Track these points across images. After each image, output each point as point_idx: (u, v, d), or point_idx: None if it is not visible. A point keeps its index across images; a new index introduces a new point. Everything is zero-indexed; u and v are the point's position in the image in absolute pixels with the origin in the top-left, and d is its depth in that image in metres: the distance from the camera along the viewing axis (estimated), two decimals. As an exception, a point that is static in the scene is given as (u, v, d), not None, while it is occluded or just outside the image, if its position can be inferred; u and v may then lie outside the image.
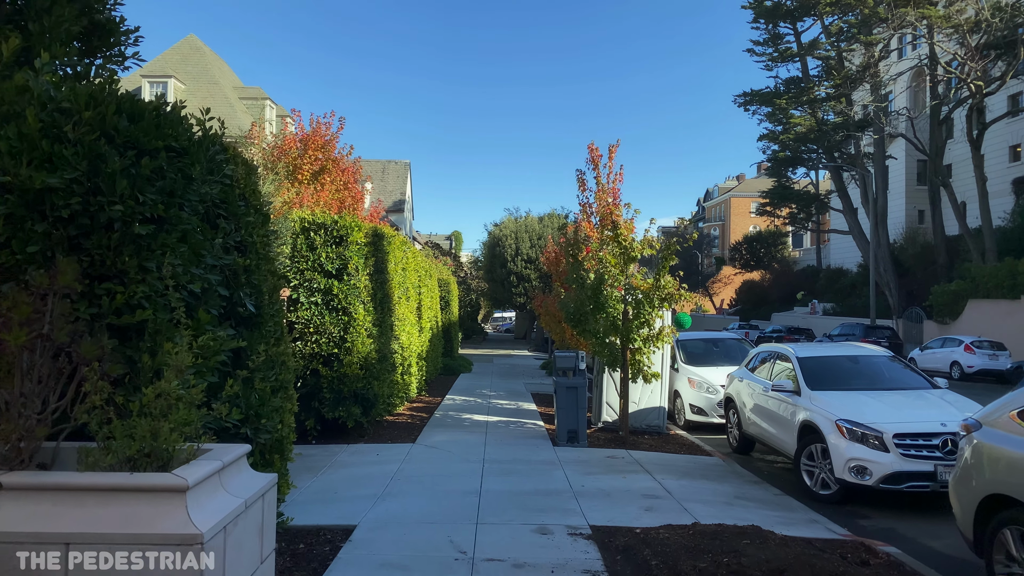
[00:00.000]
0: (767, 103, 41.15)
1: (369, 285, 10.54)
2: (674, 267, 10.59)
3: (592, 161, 13.03)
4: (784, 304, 54.01)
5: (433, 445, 10.01)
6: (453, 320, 25.88)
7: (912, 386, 8.56)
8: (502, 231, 39.96)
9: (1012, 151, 40.44)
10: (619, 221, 10.90)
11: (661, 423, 11.90)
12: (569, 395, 10.39)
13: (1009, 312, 28.97)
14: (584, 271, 10.74)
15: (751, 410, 10.03)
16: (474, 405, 14.54)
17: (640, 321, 10.46)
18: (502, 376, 21.68)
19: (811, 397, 8.31)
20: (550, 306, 16.23)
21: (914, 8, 31.65)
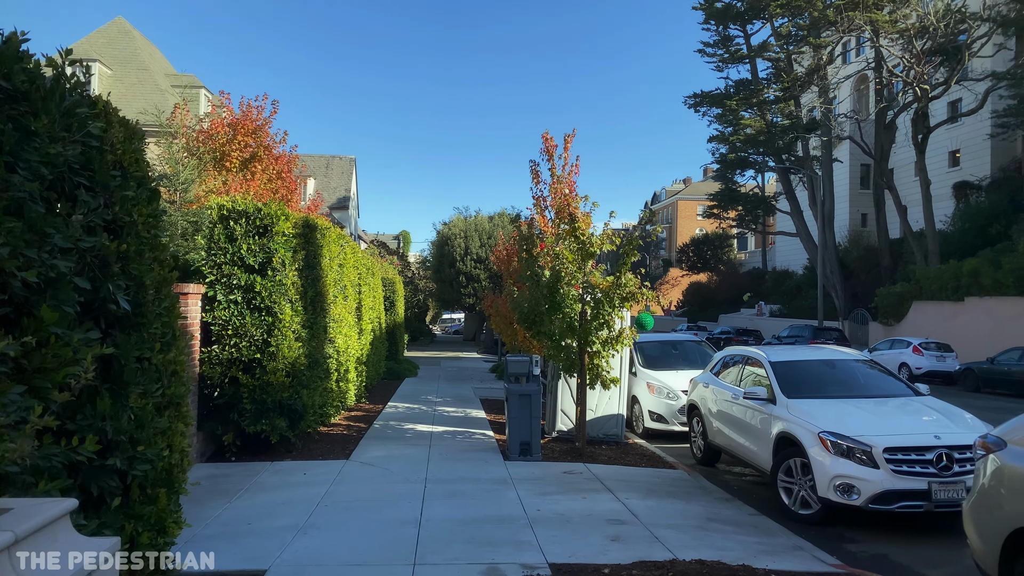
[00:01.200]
0: (717, 104, 41.11)
1: (298, 282, 9.39)
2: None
3: (546, 151, 12.15)
4: (731, 306, 54.34)
5: (370, 462, 8.93)
6: (399, 321, 24.70)
7: (894, 393, 7.89)
8: (451, 230, 38.86)
9: (952, 156, 41.33)
10: (577, 214, 10.01)
11: (619, 432, 11.07)
12: (522, 403, 9.45)
13: (953, 314, 29.30)
14: (539, 267, 9.81)
15: (718, 418, 9.26)
16: (418, 413, 13.47)
17: (599, 322, 9.59)
18: (449, 380, 20.63)
19: (788, 406, 7.55)
20: (501, 307, 15.29)
21: (862, 12, 31.83)
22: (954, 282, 29.38)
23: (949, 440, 6.50)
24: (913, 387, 8.06)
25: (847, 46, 41.66)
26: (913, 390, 7.98)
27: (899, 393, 7.89)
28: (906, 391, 7.96)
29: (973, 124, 38.67)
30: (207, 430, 8.82)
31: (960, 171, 40.34)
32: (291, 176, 16.08)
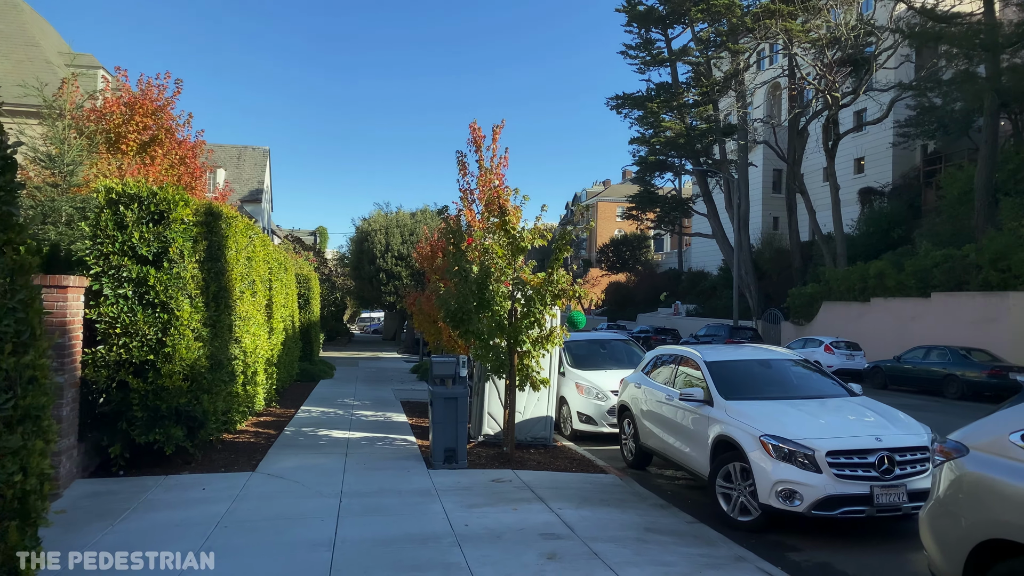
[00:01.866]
0: (639, 107, 41.56)
1: (199, 275, 8.48)
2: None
3: (474, 142, 11.56)
4: (649, 305, 55.26)
5: (279, 474, 8.13)
6: (314, 320, 23.58)
7: (830, 394, 7.74)
8: (371, 226, 37.70)
9: (857, 164, 43.24)
10: (507, 207, 9.50)
11: (548, 435, 10.63)
12: (448, 407, 8.85)
13: (860, 314, 30.49)
14: (467, 263, 9.24)
15: (651, 420, 8.93)
16: (334, 418, 12.64)
17: (530, 320, 9.11)
18: (368, 382, 19.76)
19: (726, 408, 7.26)
20: (424, 305, 14.63)
21: (778, 21, 32.74)
22: (861, 283, 30.58)
23: (890, 442, 6.33)
24: (847, 387, 7.94)
25: (761, 54, 42.92)
26: (848, 390, 7.86)
27: (835, 394, 7.74)
28: (841, 391, 7.83)
29: (877, 133, 40.56)
30: (90, 441, 7.81)
31: (865, 178, 42.25)
32: (196, 163, 14.86)
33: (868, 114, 39.28)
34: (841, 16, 32.58)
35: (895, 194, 39.70)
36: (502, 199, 9.55)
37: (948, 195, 31.65)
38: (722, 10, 35.39)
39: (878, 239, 36.77)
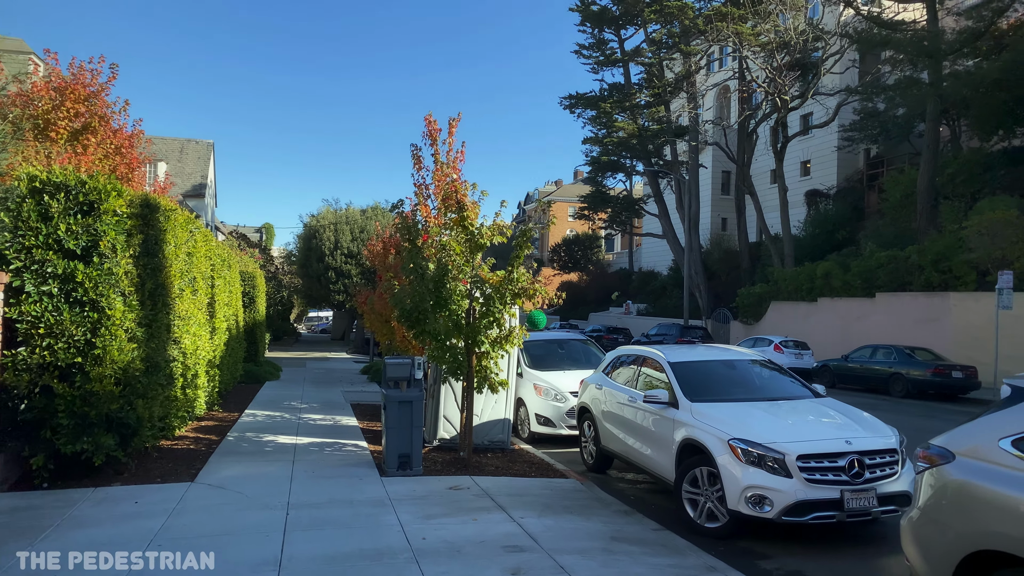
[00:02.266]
0: (592, 107, 41.61)
1: (134, 271, 7.89)
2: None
3: (430, 135, 11.16)
4: (600, 305, 55.51)
5: (220, 484, 7.59)
6: (259, 319, 22.76)
7: (795, 395, 7.61)
8: (320, 222, 36.75)
9: (803, 166, 44.17)
10: (465, 202, 9.12)
11: (506, 438, 10.31)
12: (402, 411, 8.44)
13: (807, 314, 31.06)
14: (423, 260, 8.83)
15: (612, 423, 8.69)
16: (280, 422, 12.07)
17: (489, 320, 8.76)
18: (316, 384, 19.12)
19: (692, 410, 7.04)
20: (377, 304, 14.13)
21: (729, 24, 33.11)
22: (808, 283, 31.15)
23: (860, 445, 6.20)
24: (811, 388, 7.83)
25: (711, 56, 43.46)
26: (812, 391, 7.74)
27: (799, 395, 7.62)
28: (805, 392, 7.71)
29: (823, 137, 41.51)
30: (10, 451, 7.15)
31: (810, 180, 43.19)
32: (133, 153, 14.06)
33: (814, 118, 40.12)
34: (790, 21, 33.13)
35: (839, 196, 40.67)
36: (460, 194, 9.17)
37: (891, 198, 32.50)
38: (675, 11, 35.66)
39: (823, 240, 37.59)
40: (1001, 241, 23.21)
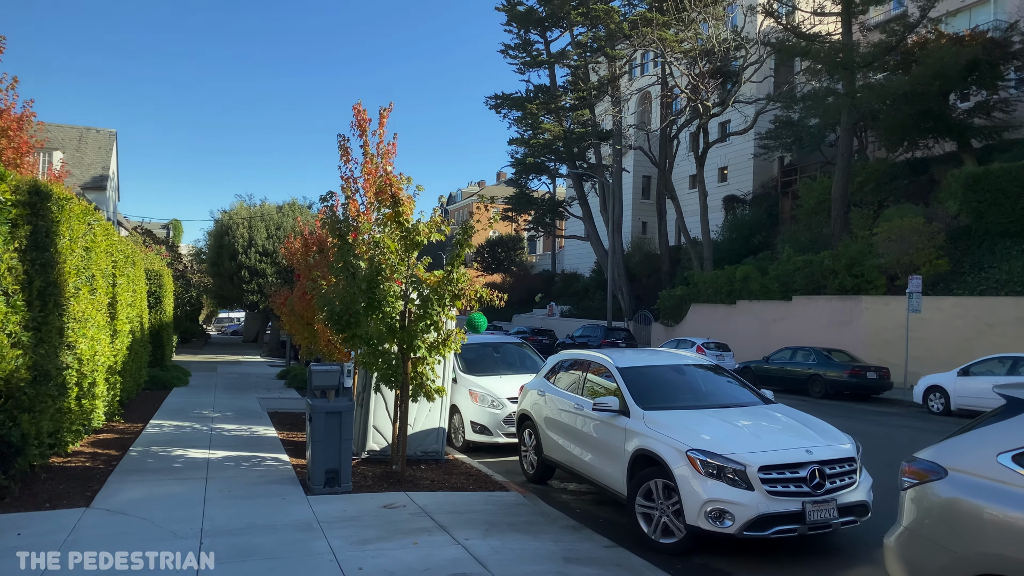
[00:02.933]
0: (518, 107, 41.36)
1: (19, 267, 6.89)
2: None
3: (359, 126, 10.39)
4: (524, 306, 55.41)
5: (121, 508, 6.70)
6: (166, 321, 21.24)
7: (746, 401, 7.37)
8: (233, 218, 34.92)
9: (720, 172, 45.37)
10: (401, 196, 8.49)
11: (440, 448, 9.72)
12: (330, 423, 7.74)
13: (726, 316, 31.74)
14: (355, 257, 8.14)
15: (556, 431, 8.26)
16: (191, 434, 11.06)
17: (426, 323, 8.16)
18: (229, 390, 17.93)
19: (645, 419, 6.68)
20: (297, 305, 13.23)
21: (653, 29, 33.52)
22: (728, 286, 31.85)
23: (820, 454, 5.98)
24: (761, 394, 7.62)
25: (634, 63, 44.06)
26: (762, 397, 7.53)
27: (750, 401, 7.39)
28: (755, 398, 7.49)
29: (740, 144, 42.71)
30: None
31: (728, 186, 44.39)
32: (23, 137, 12.70)
33: (732, 126, 41.24)
34: (711, 29, 33.85)
35: (755, 202, 41.94)
36: (395, 187, 8.53)
37: (805, 204, 33.65)
38: (600, 15, 35.85)
39: (740, 244, 38.66)
40: (909, 247, 24.30)
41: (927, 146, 30.81)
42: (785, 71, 42.23)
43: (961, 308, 21.93)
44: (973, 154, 29.38)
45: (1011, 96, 28.84)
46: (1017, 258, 22.67)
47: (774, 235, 38.83)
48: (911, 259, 24.21)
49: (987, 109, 28.58)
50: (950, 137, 29.34)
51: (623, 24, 35.55)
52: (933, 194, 30.30)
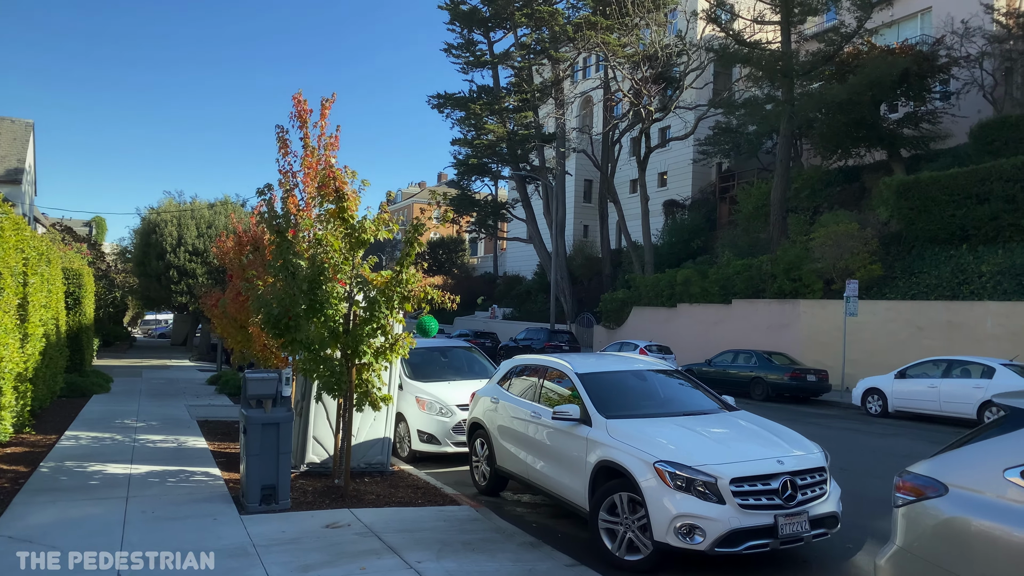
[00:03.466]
0: (462, 107, 40.82)
1: (-94, 263, 6.06)
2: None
3: (299, 116, 9.78)
4: (466, 309, 54.82)
5: (27, 535, 5.95)
6: (87, 323, 19.90)
7: (708, 408, 7.11)
8: (161, 216, 33.21)
9: (660, 177, 45.87)
10: (345, 191, 7.93)
11: (385, 459, 9.18)
12: (267, 436, 7.13)
13: (667, 319, 31.98)
14: (294, 256, 7.54)
15: (511, 441, 7.85)
16: (111, 446, 10.19)
17: (373, 327, 7.63)
18: (155, 397, 16.86)
19: (608, 428, 6.34)
20: (230, 307, 12.42)
21: (598, 32, 33.57)
22: (669, 290, 32.11)
23: (792, 465, 5.75)
24: (722, 400, 7.38)
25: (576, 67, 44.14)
26: (724, 404, 7.29)
27: (712, 408, 7.13)
28: (718, 405, 7.24)
29: (679, 150, 43.28)
30: None
31: (667, 191, 44.90)
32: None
33: (672, 131, 41.75)
34: (652, 35, 34.12)
35: (694, 207, 42.56)
36: (339, 181, 7.95)
37: (743, 209, 34.25)
38: (545, 16, 35.69)
39: (680, 248, 39.13)
40: (844, 252, 24.88)
41: (859, 154, 31.77)
42: (724, 79, 43.01)
43: (894, 312, 22.54)
44: (902, 163, 30.43)
45: (937, 108, 29.99)
46: (945, 263, 23.45)
47: (713, 239, 39.47)
48: (847, 264, 24.79)
49: (915, 120, 29.63)
50: (881, 146, 30.29)
51: (567, 27, 35.48)
52: (865, 201, 31.26)
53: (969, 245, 23.13)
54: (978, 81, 29.13)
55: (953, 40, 28.71)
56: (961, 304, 20.98)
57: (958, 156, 28.76)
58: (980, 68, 28.80)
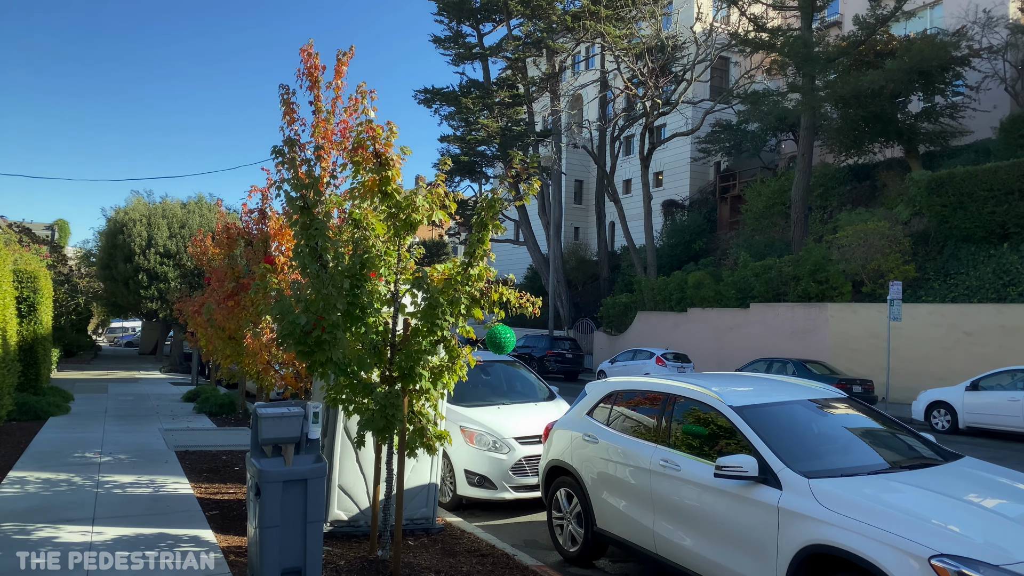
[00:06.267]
0: (452, 103, 38.63)
1: None
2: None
3: (309, 75, 7.64)
4: (451, 314, 52.65)
5: None
6: (44, 333, 17.36)
7: (928, 458, 4.94)
8: (129, 215, 30.49)
9: (655, 177, 44.16)
10: (389, 155, 5.79)
11: (431, 512, 7.03)
12: (290, 499, 4.95)
13: (676, 324, 30.10)
14: (329, 240, 5.36)
15: (623, 496, 5.74)
16: (66, 495, 7.86)
17: (432, 340, 5.51)
18: (123, 418, 14.43)
19: (815, 493, 4.25)
20: (218, 314, 10.11)
21: (602, 23, 31.69)
22: (678, 293, 30.25)
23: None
24: (932, 443, 5.27)
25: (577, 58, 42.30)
26: (938, 449, 5.17)
27: (932, 458, 4.97)
28: (932, 452, 5.10)
29: (676, 149, 41.63)
30: None
31: (664, 191, 43.19)
32: None
33: (669, 129, 40.06)
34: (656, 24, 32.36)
35: (693, 207, 40.89)
36: (379, 142, 5.80)
37: (753, 208, 32.58)
38: (543, 4, 33.68)
39: (681, 250, 37.41)
40: (875, 252, 23.22)
41: (872, 151, 30.29)
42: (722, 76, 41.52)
43: (938, 316, 20.85)
44: (919, 160, 28.98)
45: (958, 102, 28.59)
46: (985, 263, 21.88)
47: (714, 241, 37.81)
48: (878, 264, 23.13)
49: (935, 114, 28.19)
50: (899, 142, 28.79)
51: (566, 16, 33.52)
52: (878, 199, 29.79)
53: (1011, 243, 21.59)
54: (999, 73, 27.80)
55: (974, 30, 27.35)
56: (1016, 307, 19.33)
57: (981, 151, 27.36)
58: (1004, 60, 27.46)
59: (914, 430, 5.43)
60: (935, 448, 5.17)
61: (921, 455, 4.99)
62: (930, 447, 5.17)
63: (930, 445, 5.21)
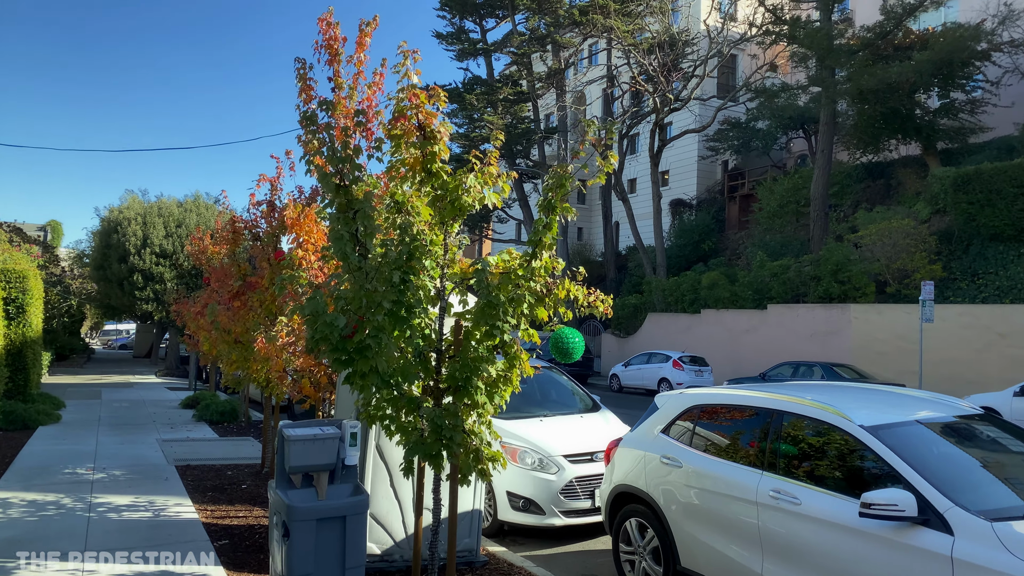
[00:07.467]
0: (455, 99, 37.72)
1: None
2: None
3: (327, 47, 6.67)
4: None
5: None
6: (33, 336, 16.36)
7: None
8: (124, 214, 29.46)
9: (662, 177, 43.32)
10: (433, 126, 4.89)
11: (475, 543, 6.12)
12: (325, 539, 4.06)
13: (689, 326, 29.22)
14: (374, 223, 4.44)
15: (721, 533, 4.82)
16: (55, 520, 6.90)
17: (490, 345, 4.60)
18: (118, 427, 13.46)
19: (1003, 539, 3.36)
20: (223, 316, 9.15)
21: (612, 17, 30.84)
22: (692, 294, 29.38)
23: None
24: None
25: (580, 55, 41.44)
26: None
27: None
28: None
29: (682, 148, 40.80)
30: None
31: (670, 190, 42.38)
32: None
33: (675, 128, 39.21)
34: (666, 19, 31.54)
35: (702, 207, 40.07)
36: (423, 112, 4.90)
37: (766, 207, 31.76)
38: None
39: (690, 250, 36.61)
40: (900, 251, 22.39)
41: (887, 149, 29.50)
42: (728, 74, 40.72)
43: (970, 317, 20.00)
44: (937, 157, 28.20)
45: (978, 97, 27.80)
46: (1016, 263, 21.08)
47: (723, 240, 36.99)
48: (903, 264, 22.30)
49: (954, 110, 27.42)
50: (917, 139, 27.99)
51: (573, 10, 32.66)
52: (894, 197, 29.00)
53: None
54: (1021, 68, 27.03)
55: (992, 24, 26.57)
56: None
57: (1004, 148, 26.60)
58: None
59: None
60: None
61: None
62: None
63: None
